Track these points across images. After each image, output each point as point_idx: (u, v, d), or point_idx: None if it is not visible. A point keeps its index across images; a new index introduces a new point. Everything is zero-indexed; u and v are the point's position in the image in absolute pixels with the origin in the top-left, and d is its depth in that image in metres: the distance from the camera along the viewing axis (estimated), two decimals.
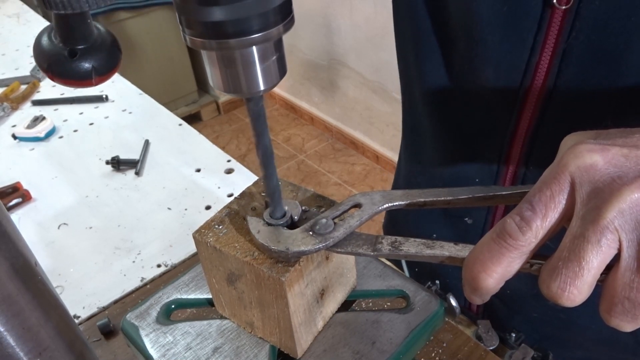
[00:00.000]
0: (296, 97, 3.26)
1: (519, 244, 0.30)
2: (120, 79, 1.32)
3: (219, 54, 0.31)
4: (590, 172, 0.30)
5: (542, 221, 0.30)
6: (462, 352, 0.58)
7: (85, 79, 0.36)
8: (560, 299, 0.30)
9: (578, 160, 0.30)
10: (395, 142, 2.58)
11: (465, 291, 0.33)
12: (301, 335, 0.44)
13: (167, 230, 0.84)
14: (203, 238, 0.44)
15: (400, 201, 0.40)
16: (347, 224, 0.39)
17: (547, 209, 0.30)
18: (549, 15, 0.48)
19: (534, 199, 0.31)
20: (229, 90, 0.33)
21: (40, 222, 0.88)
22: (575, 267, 0.29)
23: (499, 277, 0.31)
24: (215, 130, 3.25)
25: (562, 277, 0.29)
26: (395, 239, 0.37)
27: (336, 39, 2.70)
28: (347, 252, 0.39)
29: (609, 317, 0.29)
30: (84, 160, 1.03)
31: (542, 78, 0.52)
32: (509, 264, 0.31)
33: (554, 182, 0.31)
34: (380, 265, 0.54)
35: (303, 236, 0.39)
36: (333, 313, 0.48)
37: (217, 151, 1.03)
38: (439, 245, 0.35)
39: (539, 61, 0.51)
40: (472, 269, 0.32)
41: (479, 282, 0.31)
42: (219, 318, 0.50)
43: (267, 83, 0.33)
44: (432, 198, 0.39)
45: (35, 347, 0.36)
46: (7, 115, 1.19)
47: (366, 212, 0.39)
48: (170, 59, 3.02)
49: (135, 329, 0.49)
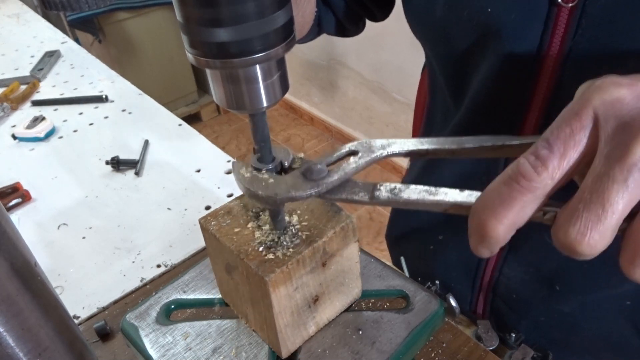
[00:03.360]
0: (296, 97, 3.26)
1: (534, 185, 0.27)
2: (120, 79, 1.32)
3: (223, 73, 0.32)
4: (617, 106, 0.27)
5: (560, 161, 0.27)
6: (461, 353, 0.58)
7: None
8: (580, 246, 0.26)
9: (604, 94, 0.27)
10: None
11: (472, 242, 0.30)
12: (287, 337, 0.44)
13: (167, 231, 0.84)
14: (206, 225, 0.45)
15: (401, 149, 0.36)
16: (343, 170, 0.36)
17: (566, 147, 0.27)
18: (555, 14, 0.48)
19: (552, 137, 0.28)
20: (232, 106, 0.34)
21: (40, 223, 0.88)
22: (598, 209, 0.26)
23: (510, 223, 0.28)
24: (215, 130, 3.25)
25: (583, 220, 0.26)
26: (394, 185, 0.34)
27: (336, 39, 2.70)
28: (341, 199, 0.35)
29: (632, 268, 0.26)
30: (83, 161, 1.03)
31: (546, 81, 0.52)
32: (522, 209, 0.28)
33: (575, 118, 0.28)
34: (380, 265, 0.54)
35: (294, 182, 0.36)
36: (330, 320, 0.48)
37: (217, 151, 1.02)
38: (443, 192, 0.32)
39: (545, 58, 0.51)
40: (480, 215, 0.29)
41: (488, 230, 0.28)
42: (218, 318, 0.50)
43: (270, 100, 0.34)
44: (435, 146, 0.36)
45: (34, 347, 0.36)
46: (6, 115, 1.19)
47: (363, 159, 0.36)
48: (170, 59, 3.02)
49: (134, 329, 0.49)
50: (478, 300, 0.72)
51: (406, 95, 2.46)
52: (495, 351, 0.62)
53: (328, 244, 0.43)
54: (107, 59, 2.71)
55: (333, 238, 0.43)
